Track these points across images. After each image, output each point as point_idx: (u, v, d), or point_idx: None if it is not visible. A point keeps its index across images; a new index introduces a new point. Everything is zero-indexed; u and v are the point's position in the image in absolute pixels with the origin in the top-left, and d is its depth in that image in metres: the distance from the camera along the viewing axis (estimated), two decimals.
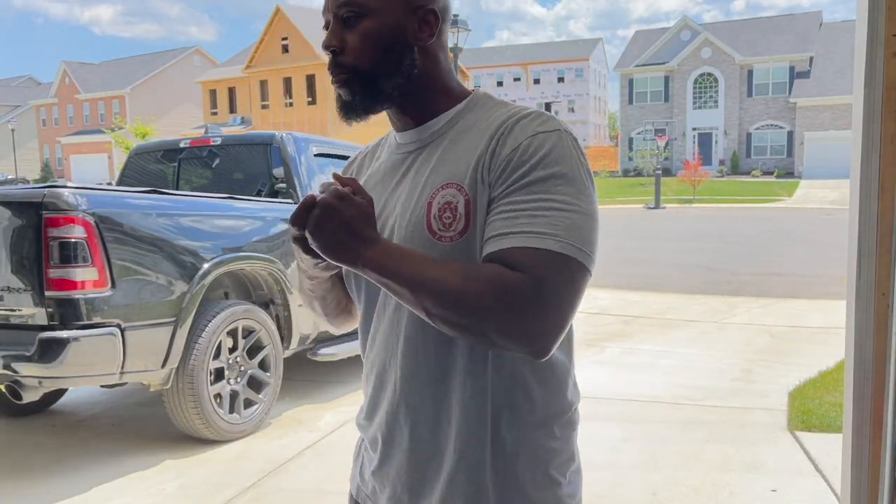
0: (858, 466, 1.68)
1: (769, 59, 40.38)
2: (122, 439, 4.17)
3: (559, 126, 1.05)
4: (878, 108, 1.59)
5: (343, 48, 1.09)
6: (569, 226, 0.97)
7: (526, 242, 0.96)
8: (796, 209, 24.32)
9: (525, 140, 1.02)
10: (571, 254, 0.96)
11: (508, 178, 1.00)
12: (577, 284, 0.98)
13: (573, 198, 0.99)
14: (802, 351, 5.93)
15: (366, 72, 1.08)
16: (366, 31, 1.07)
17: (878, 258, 1.62)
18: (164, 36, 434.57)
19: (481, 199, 1.02)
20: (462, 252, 1.02)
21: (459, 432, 1.07)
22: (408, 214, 1.08)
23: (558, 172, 1.00)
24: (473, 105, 1.14)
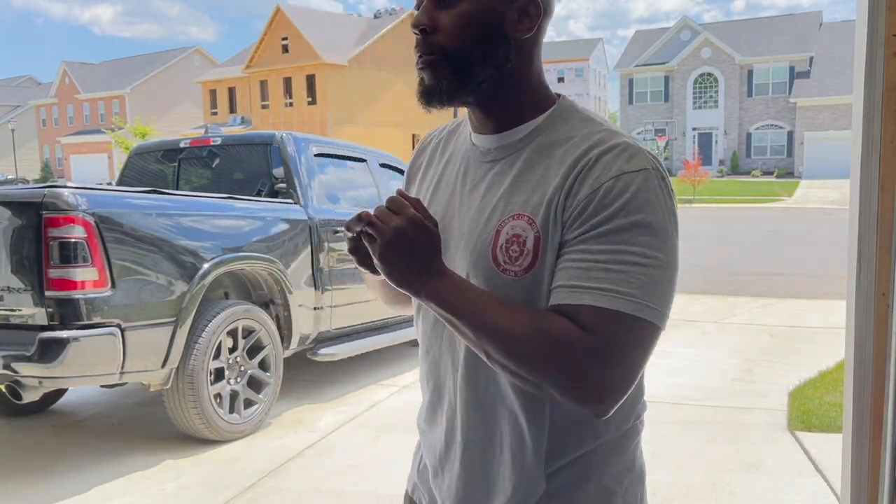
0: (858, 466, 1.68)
1: (769, 59, 40.38)
2: (122, 439, 4.17)
3: (646, 163, 0.96)
4: (878, 108, 1.59)
5: (435, 28, 1.01)
6: (645, 283, 0.92)
7: (598, 301, 0.91)
8: (796, 209, 24.31)
9: (607, 182, 0.94)
10: (645, 315, 0.92)
11: (585, 223, 0.94)
12: (646, 344, 0.94)
13: (654, 249, 0.93)
14: (802, 351, 5.94)
15: (456, 55, 1.01)
16: (462, 12, 1.00)
17: (878, 258, 1.62)
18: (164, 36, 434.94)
19: (552, 239, 0.96)
20: (524, 289, 0.98)
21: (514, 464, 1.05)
22: (474, 237, 1.03)
23: (641, 221, 0.93)
24: (556, 118, 1.05)
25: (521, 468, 1.04)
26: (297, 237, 4.56)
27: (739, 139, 40.96)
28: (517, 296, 0.98)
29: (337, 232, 4.84)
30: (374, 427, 4.31)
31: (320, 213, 4.75)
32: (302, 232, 4.59)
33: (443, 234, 1.06)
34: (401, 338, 5.47)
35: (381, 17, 45.63)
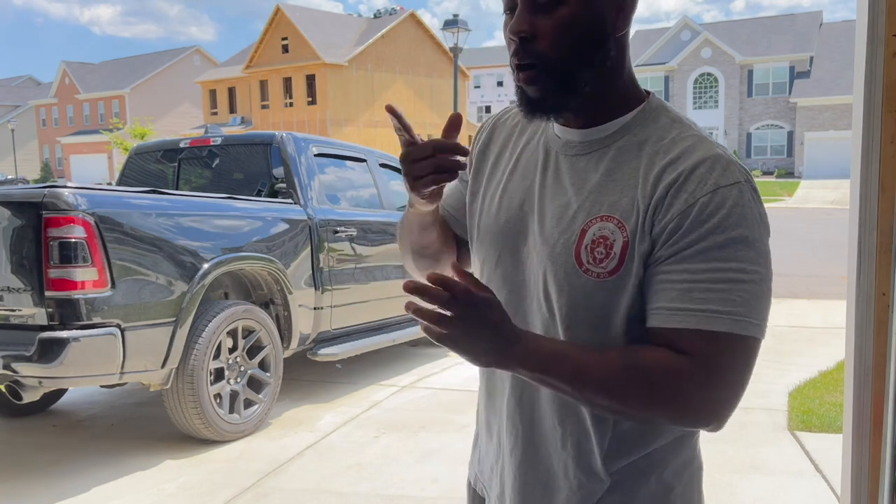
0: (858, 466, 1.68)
1: (769, 59, 40.38)
2: (122, 439, 4.17)
3: (740, 176, 0.94)
4: (878, 108, 1.59)
5: (535, 34, 0.96)
6: (746, 299, 0.91)
7: (699, 324, 0.91)
8: (796, 209, 24.31)
9: (703, 197, 0.92)
10: (748, 332, 0.92)
11: (682, 240, 0.93)
12: (749, 360, 0.94)
13: (752, 264, 0.92)
14: (802, 351, 5.94)
15: (559, 63, 0.97)
16: (564, 17, 0.95)
17: (878, 258, 1.62)
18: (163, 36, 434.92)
19: (640, 246, 0.95)
20: (606, 291, 0.97)
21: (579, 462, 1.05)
22: (557, 233, 1.01)
23: (738, 236, 0.92)
24: (645, 117, 1.02)
25: (586, 466, 1.04)
26: (297, 237, 4.56)
27: (739, 139, 40.95)
28: (596, 297, 0.97)
29: (337, 232, 4.84)
30: (374, 427, 4.31)
31: (320, 213, 4.75)
32: (302, 232, 4.59)
33: (519, 223, 1.06)
34: (401, 338, 5.47)
35: (381, 17, 45.59)
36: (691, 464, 1.10)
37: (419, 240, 1.24)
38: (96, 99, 54.38)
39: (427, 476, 3.55)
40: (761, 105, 40.54)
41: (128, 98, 51.96)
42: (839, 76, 36.93)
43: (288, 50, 41.47)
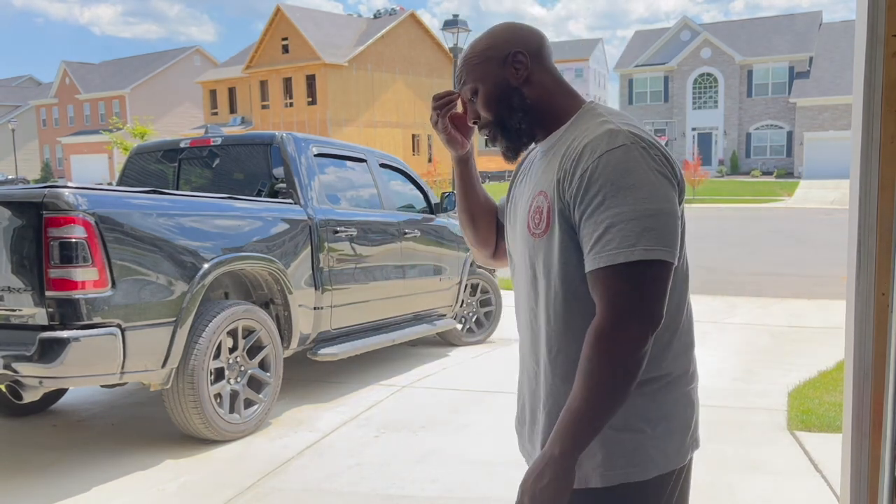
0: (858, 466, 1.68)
1: (769, 59, 40.36)
2: (122, 439, 4.17)
3: (626, 140, 1.22)
4: (877, 108, 1.59)
5: (478, 116, 1.42)
6: (639, 232, 1.17)
7: (606, 261, 1.19)
8: (796, 209, 24.31)
9: (592, 163, 1.22)
10: (643, 257, 1.17)
11: (584, 199, 1.22)
12: (656, 282, 1.19)
13: (641, 203, 1.18)
14: (802, 351, 5.93)
15: (496, 123, 1.40)
16: (482, 98, 1.39)
17: (878, 258, 1.62)
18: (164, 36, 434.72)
19: (557, 208, 1.27)
20: (543, 246, 1.31)
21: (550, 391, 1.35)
22: (522, 211, 1.38)
23: (625, 184, 1.19)
24: (576, 120, 1.35)
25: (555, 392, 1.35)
26: (298, 237, 4.56)
27: (739, 139, 40.94)
28: (540, 253, 1.32)
29: (337, 232, 4.84)
30: (374, 427, 4.31)
31: (320, 213, 4.75)
32: (302, 232, 4.59)
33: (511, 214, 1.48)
34: (401, 338, 5.47)
35: (381, 17, 45.58)
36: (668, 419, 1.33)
37: (460, 203, 1.65)
38: (96, 99, 54.35)
39: (427, 476, 3.55)
40: (761, 105, 40.53)
41: (128, 98, 51.94)
42: (839, 76, 36.92)
43: (288, 50, 41.45)
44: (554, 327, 1.32)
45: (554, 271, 1.29)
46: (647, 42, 45.23)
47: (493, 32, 1.42)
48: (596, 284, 1.21)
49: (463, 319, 6.46)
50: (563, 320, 1.30)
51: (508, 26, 1.42)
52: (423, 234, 5.71)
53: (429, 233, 5.82)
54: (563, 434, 1.20)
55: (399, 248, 5.44)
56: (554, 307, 1.31)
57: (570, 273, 1.27)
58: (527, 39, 1.39)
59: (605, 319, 1.19)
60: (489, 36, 1.42)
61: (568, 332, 1.30)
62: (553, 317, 1.32)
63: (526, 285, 1.39)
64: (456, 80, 1.46)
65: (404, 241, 5.49)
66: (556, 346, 1.32)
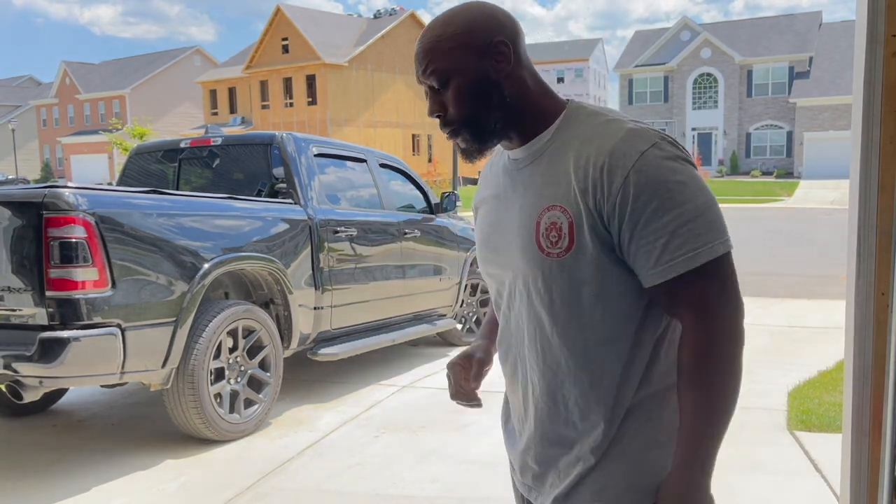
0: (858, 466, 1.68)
1: (769, 59, 40.35)
2: (122, 439, 4.17)
3: (654, 137, 1.13)
4: (877, 108, 1.59)
5: (444, 110, 1.22)
6: (708, 227, 1.11)
7: (687, 266, 1.11)
8: (796, 209, 24.30)
9: (631, 169, 1.10)
10: (716, 253, 1.11)
11: (636, 208, 1.10)
12: (730, 271, 1.15)
13: (696, 198, 1.11)
14: (802, 351, 5.94)
15: (468, 122, 1.21)
16: (455, 90, 1.20)
17: (878, 258, 1.62)
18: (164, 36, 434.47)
19: (586, 221, 1.14)
20: (566, 267, 1.16)
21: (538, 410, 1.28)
22: (522, 230, 1.21)
23: (675, 182, 1.10)
24: (568, 120, 1.22)
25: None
26: (298, 237, 4.56)
27: (739, 139, 40.93)
28: (560, 273, 1.17)
29: (337, 232, 4.84)
30: (374, 427, 4.31)
31: (320, 213, 4.75)
32: (302, 232, 4.59)
33: (495, 236, 1.30)
34: (401, 338, 5.47)
35: (381, 17, 45.57)
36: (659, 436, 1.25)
37: None
38: (96, 99, 54.35)
39: (427, 476, 3.55)
40: (761, 105, 40.52)
41: (128, 98, 51.93)
42: (839, 76, 36.90)
43: (288, 50, 41.44)
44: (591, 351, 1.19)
45: (587, 291, 1.16)
46: (647, 42, 45.22)
47: (469, 13, 1.20)
48: (676, 295, 1.13)
49: (463, 319, 6.47)
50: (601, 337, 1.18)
51: (484, 8, 1.21)
52: (423, 235, 5.71)
53: (429, 233, 5.82)
54: (695, 457, 1.13)
55: (399, 248, 5.44)
56: (590, 329, 1.18)
57: (608, 291, 1.16)
58: (507, 26, 1.20)
59: (705, 325, 1.12)
60: (465, 17, 1.19)
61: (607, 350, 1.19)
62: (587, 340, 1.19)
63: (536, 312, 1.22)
64: (418, 64, 1.22)
65: (404, 242, 5.49)
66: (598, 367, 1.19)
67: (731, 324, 1.14)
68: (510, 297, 1.28)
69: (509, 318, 1.30)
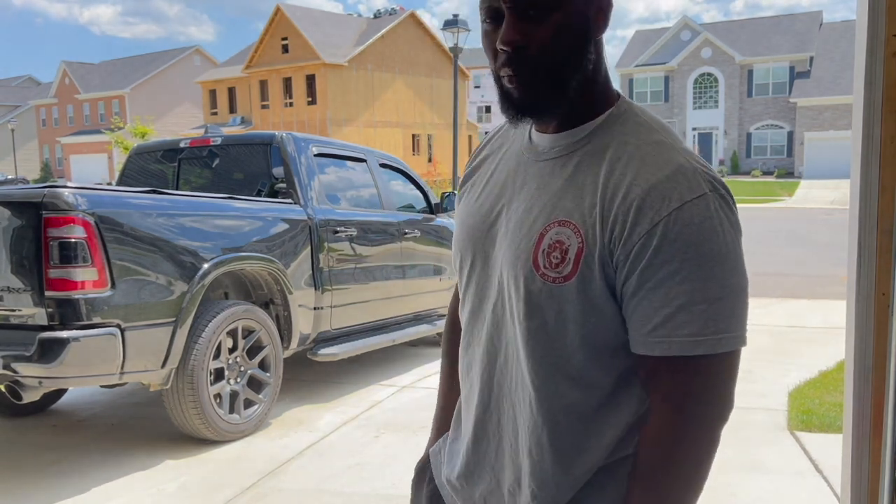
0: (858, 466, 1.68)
1: (769, 59, 40.36)
2: (122, 439, 4.17)
3: (706, 187, 0.93)
4: (878, 108, 1.59)
5: (528, 43, 0.96)
6: (727, 315, 0.93)
7: (674, 349, 0.93)
8: (796, 209, 24.30)
9: (666, 216, 0.91)
10: (723, 349, 0.93)
11: (654, 262, 0.92)
12: (732, 371, 0.98)
13: (727, 278, 0.92)
14: (802, 351, 5.93)
15: (554, 69, 0.97)
16: (556, 24, 0.95)
17: (879, 258, 1.62)
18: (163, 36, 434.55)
19: (598, 254, 0.95)
20: (560, 297, 0.97)
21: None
22: (519, 236, 1.02)
23: (710, 253, 0.91)
24: (612, 122, 1.02)
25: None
26: (297, 237, 4.55)
27: (739, 139, 40.93)
28: (549, 301, 0.97)
29: (337, 232, 4.83)
30: (374, 427, 4.31)
31: (320, 213, 4.75)
32: (302, 232, 4.59)
33: (490, 229, 1.08)
34: (401, 338, 5.47)
35: (381, 17, 45.57)
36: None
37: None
38: (96, 99, 54.34)
39: None
40: (761, 105, 40.53)
41: (128, 98, 51.92)
42: (839, 76, 36.91)
43: (288, 50, 41.44)
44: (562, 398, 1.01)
45: (574, 332, 0.98)
46: (647, 42, 45.22)
47: None
48: (657, 375, 0.95)
49: None
50: (574, 386, 1.01)
51: None
52: (423, 234, 5.70)
53: (429, 233, 5.82)
54: None
55: (399, 248, 5.44)
56: (563, 375, 1.01)
57: (596, 337, 0.99)
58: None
59: (670, 422, 0.95)
60: None
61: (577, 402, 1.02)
62: (560, 384, 1.01)
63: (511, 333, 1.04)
64: None
65: (404, 241, 5.49)
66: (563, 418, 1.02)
67: (707, 433, 0.97)
68: (479, 307, 1.10)
69: (473, 329, 1.12)
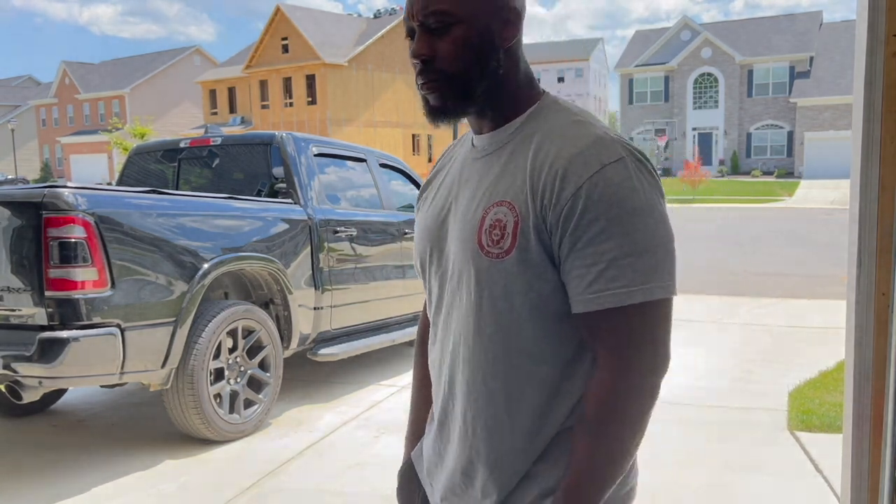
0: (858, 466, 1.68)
1: (769, 59, 40.36)
2: (122, 439, 4.17)
3: (622, 151, 1.03)
4: (878, 107, 1.59)
5: (434, 55, 1.09)
6: (653, 266, 1.00)
7: (608, 302, 1.00)
8: (796, 209, 24.30)
9: (587, 180, 1.00)
10: (651, 297, 1.00)
11: (578, 227, 1.01)
12: (664, 322, 1.04)
13: (650, 232, 1.01)
14: (802, 351, 5.93)
15: (458, 77, 1.09)
16: (457, 38, 1.08)
17: (879, 258, 1.62)
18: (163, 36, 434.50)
19: (533, 225, 1.04)
20: (504, 271, 1.05)
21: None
22: (466, 223, 1.11)
23: (631, 209, 1.00)
24: (537, 114, 1.12)
25: None
26: (297, 237, 4.56)
27: (739, 139, 40.94)
28: (495, 276, 1.06)
29: (337, 232, 4.84)
30: (374, 427, 4.31)
31: (320, 213, 4.75)
32: (302, 232, 4.59)
33: (442, 225, 1.18)
34: (401, 338, 5.47)
35: (381, 17, 45.60)
36: None
37: None
38: (96, 99, 54.36)
39: None
40: (761, 105, 40.53)
41: (128, 98, 51.94)
42: (839, 76, 36.91)
43: (288, 50, 41.46)
44: (515, 369, 1.09)
45: (519, 301, 1.06)
46: (647, 42, 45.23)
47: None
48: (596, 329, 1.03)
49: None
50: (528, 359, 1.08)
51: None
52: None
53: None
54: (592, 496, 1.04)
55: (399, 248, 5.43)
56: (516, 346, 1.08)
57: (542, 305, 1.06)
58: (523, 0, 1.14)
59: (613, 372, 1.02)
60: None
61: (532, 375, 1.08)
62: (513, 356, 1.08)
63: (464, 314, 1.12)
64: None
65: (404, 241, 5.49)
66: (516, 391, 1.09)
67: (644, 381, 1.03)
68: (440, 297, 1.18)
69: (438, 321, 1.20)
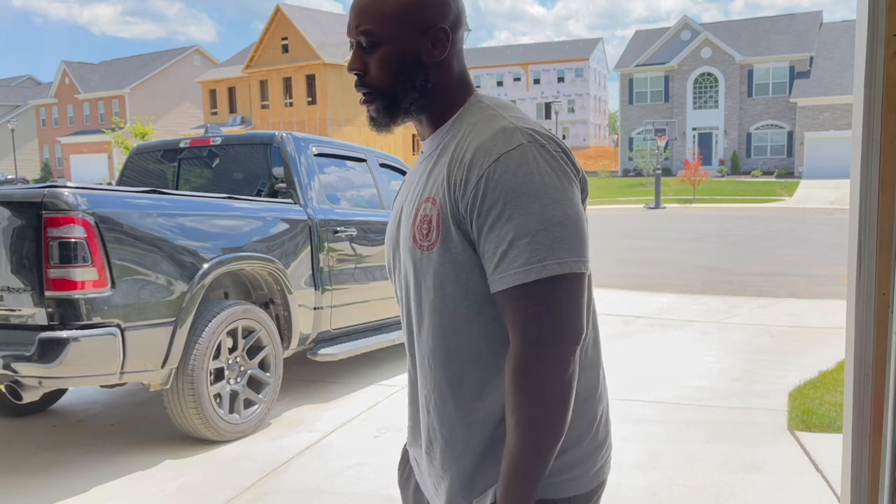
0: (858, 466, 1.68)
1: (769, 59, 40.36)
2: (122, 439, 4.17)
3: (522, 139, 1.09)
4: (878, 107, 1.59)
5: (365, 70, 1.19)
6: (548, 244, 1.04)
7: (511, 281, 1.05)
8: (796, 209, 24.31)
9: (487, 168, 1.07)
10: (550, 273, 1.04)
11: (483, 210, 1.07)
12: (572, 297, 1.07)
13: (541, 213, 1.05)
14: (802, 351, 5.93)
15: (385, 92, 1.19)
16: (382, 57, 1.17)
17: (879, 258, 1.62)
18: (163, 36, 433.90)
19: (452, 216, 1.11)
20: (432, 261, 1.14)
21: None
22: (407, 223, 1.20)
23: (527, 192, 1.05)
24: (464, 113, 1.20)
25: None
26: (297, 237, 4.56)
27: (739, 139, 40.94)
28: (427, 268, 1.14)
29: (337, 232, 4.83)
30: (374, 427, 4.31)
31: (320, 213, 4.75)
32: (302, 232, 4.59)
33: (398, 228, 1.27)
34: (400, 338, 5.46)
35: None
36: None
37: None
38: (96, 99, 54.37)
39: None
40: (761, 105, 40.53)
41: (128, 98, 51.95)
42: (839, 76, 36.92)
43: (288, 50, 41.47)
44: (453, 351, 1.15)
45: (451, 288, 1.13)
46: (647, 42, 45.22)
47: None
48: (506, 307, 1.07)
49: None
50: (466, 341, 1.14)
51: None
52: None
53: None
54: (510, 482, 1.07)
55: None
56: (452, 331, 1.15)
57: (471, 289, 1.12)
58: (453, 14, 1.19)
59: (521, 347, 1.06)
60: None
61: (471, 356, 1.15)
62: (450, 339, 1.15)
63: (411, 306, 1.21)
64: (352, 16, 1.18)
65: None
66: (458, 371, 1.16)
67: (549, 354, 1.05)
68: (401, 296, 1.27)
69: (402, 315, 1.28)
